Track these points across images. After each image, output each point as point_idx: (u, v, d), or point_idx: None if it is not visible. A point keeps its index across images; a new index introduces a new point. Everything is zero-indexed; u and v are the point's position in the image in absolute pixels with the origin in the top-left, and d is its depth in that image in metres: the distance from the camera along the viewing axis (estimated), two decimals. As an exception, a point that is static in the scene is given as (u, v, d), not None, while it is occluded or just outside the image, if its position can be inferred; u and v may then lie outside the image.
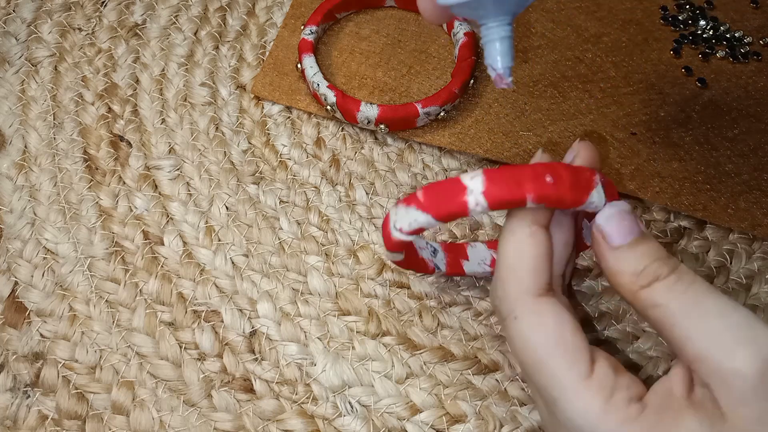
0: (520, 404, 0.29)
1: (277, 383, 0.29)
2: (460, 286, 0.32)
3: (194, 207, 0.33)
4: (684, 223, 0.34)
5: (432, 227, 0.23)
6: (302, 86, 0.36)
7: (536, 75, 0.37)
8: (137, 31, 0.38)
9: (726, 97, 0.37)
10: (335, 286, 0.32)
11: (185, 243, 0.32)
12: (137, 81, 0.37)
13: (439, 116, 0.35)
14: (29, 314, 0.30)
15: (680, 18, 0.39)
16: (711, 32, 0.39)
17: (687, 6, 0.40)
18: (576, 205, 0.22)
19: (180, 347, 0.30)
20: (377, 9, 0.39)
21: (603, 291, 0.32)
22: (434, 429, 0.29)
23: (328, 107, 0.35)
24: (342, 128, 0.36)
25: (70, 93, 0.36)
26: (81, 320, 0.30)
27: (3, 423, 0.28)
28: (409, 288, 0.32)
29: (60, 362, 0.29)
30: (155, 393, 0.29)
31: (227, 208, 0.33)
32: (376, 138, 0.36)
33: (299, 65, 0.36)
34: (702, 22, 0.39)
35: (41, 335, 0.30)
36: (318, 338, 0.30)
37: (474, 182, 0.22)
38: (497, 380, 0.30)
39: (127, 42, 0.38)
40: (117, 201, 0.33)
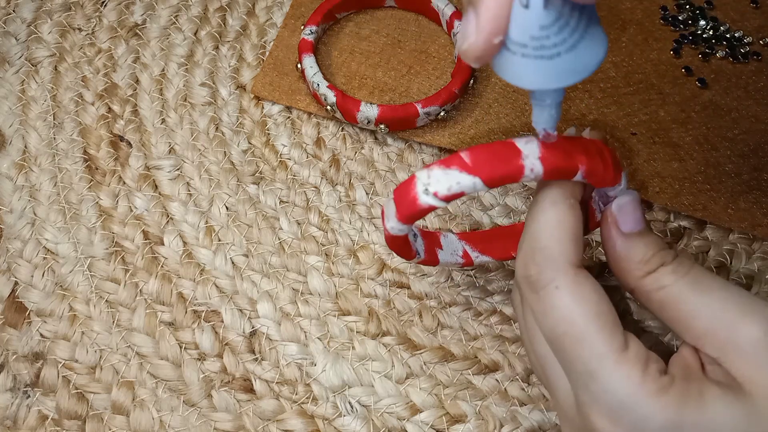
0: (520, 404, 0.29)
1: (277, 383, 0.29)
2: (460, 286, 0.32)
3: (194, 207, 0.33)
4: (684, 223, 0.34)
5: (474, 193, 0.22)
6: (302, 86, 0.36)
7: (536, 75, 0.37)
8: (137, 31, 0.38)
9: (726, 97, 0.37)
10: (335, 286, 0.31)
11: (185, 243, 0.32)
12: (137, 81, 0.37)
13: (439, 116, 0.35)
14: (29, 314, 0.30)
15: (680, 18, 0.39)
16: (711, 32, 0.39)
17: (687, 6, 0.40)
18: (612, 184, 0.22)
19: (180, 347, 0.30)
20: (377, 9, 0.39)
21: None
22: (434, 429, 0.29)
23: (328, 107, 0.35)
24: (342, 128, 0.36)
25: (70, 93, 0.36)
26: (81, 320, 0.30)
27: (3, 423, 0.28)
28: (409, 288, 0.32)
29: (60, 362, 0.29)
30: (155, 393, 0.29)
31: (227, 208, 0.33)
32: (376, 138, 0.36)
33: (299, 65, 0.36)
34: (702, 22, 0.39)
35: (41, 335, 0.30)
36: (318, 338, 0.30)
37: (529, 147, 0.21)
38: (497, 380, 0.30)
39: (127, 42, 0.38)
40: (117, 201, 0.33)
